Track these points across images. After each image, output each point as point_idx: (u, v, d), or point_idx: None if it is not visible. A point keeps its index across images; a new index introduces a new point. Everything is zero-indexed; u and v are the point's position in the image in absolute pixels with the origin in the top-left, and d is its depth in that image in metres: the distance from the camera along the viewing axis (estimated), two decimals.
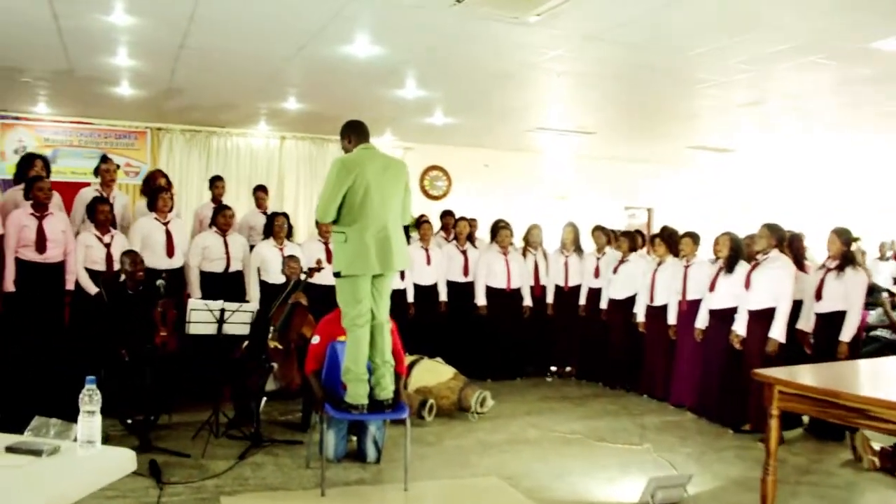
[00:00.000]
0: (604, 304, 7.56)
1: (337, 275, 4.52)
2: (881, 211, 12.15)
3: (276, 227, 6.77)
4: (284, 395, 5.84)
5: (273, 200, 9.35)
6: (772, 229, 5.82)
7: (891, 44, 6.26)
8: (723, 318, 6.15)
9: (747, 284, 5.81)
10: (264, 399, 5.74)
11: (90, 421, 2.41)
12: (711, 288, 6.23)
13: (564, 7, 5.11)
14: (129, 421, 5.61)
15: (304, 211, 10.93)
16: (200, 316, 5.28)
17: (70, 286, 6.03)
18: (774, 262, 5.76)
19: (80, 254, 6.06)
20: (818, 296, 5.76)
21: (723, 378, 6.15)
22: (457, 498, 4.66)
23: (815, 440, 5.86)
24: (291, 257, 6.26)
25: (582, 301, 7.82)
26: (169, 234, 6.45)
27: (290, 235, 7.09)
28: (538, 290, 7.91)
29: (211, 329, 5.36)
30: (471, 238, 8.08)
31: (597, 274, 7.67)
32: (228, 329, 5.41)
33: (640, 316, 7.15)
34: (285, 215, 6.98)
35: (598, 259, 7.74)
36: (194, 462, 4.97)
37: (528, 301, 7.84)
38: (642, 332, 7.15)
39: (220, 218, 6.68)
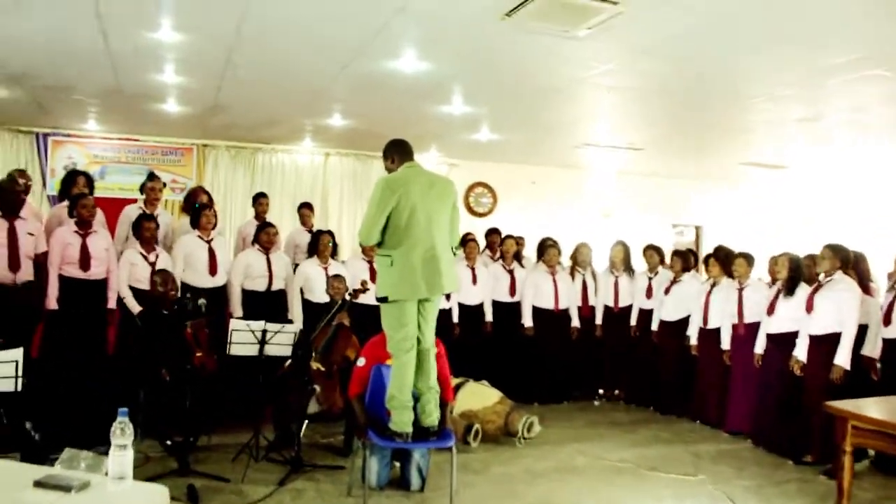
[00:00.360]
0: (655, 326, 7.30)
1: (382, 300, 4.38)
2: None
3: (321, 245, 6.67)
4: (326, 418, 5.70)
5: (317, 218, 9.30)
6: (835, 250, 5.54)
7: None
8: (782, 342, 5.87)
9: (809, 308, 5.53)
10: (306, 422, 5.63)
11: (122, 455, 2.30)
12: (770, 311, 5.96)
13: (615, 21, 4.96)
14: (169, 442, 5.53)
15: (347, 228, 10.88)
16: (242, 336, 5.20)
17: (112, 304, 6.01)
18: (838, 284, 5.48)
19: (125, 272, 6.04)
20: (887, 320, 5.46)
21: (781, 406, 5.86)
22: None
23: (882, 475, 5.53)
24: (336, 277, 6.15)
25: (633, 322, 7.57)
26: (212, 252, 6.40)
27: (334, 254, 6.99)
28: (586, 311, 7.68)
29: (252, 350, 5.28)
30: (518, 257, 7.90)
31: (649, 294, 7.42)
32: (270, 350, 5.32)
33: (693, 339, 6.88)
34: (330, 233, 6.89)
35: (651, 279, 7.49)
36: (234, 487, 4.86)
37: (575, 322, 7.62)
38: (695, 355, 6.88)
39: (263, 235, 6.61)
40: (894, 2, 4.60)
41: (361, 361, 4.87)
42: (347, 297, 5.97)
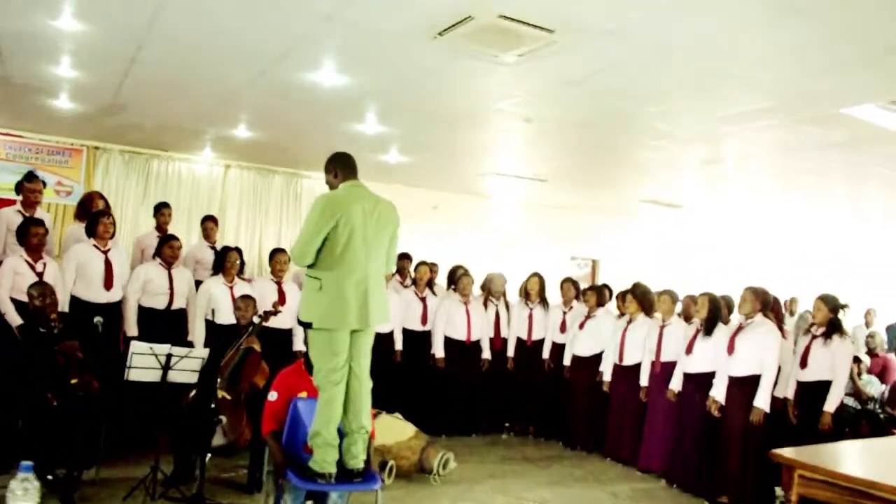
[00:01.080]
0: (567, 361, 7.21)
1: (307, 325, 4.03)
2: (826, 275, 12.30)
3: (228, 262, 6.18)
4: (230, 452, 5.22)
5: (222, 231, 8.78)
6: (756, 293, 5.62)
7: (861, 111, 6.28)
8: (700, 382, 5.89)
9: (730, 349, 5.57)
10: (209, 455, 5.15)
11: None
12: (688, 350, 5.97)
13: (546, 50, 4.84)
14: (50, 477, 4.91)
15: (246, 245, 10.29)
16: (143, 361, 4.67)
17: None
18: (760, 327, 5.54)
19: (6, 281, 5.36)
20: (803, 363, 5.55)
21: (698, 445, 5.86)
22: None
23: None
24: (245, 298, 5.69)
25: (545, 356, 7.45)
26: (108, 264, 5.81)
27: (241, 272, 6.52)
28: (498, 343, 7.51)
29: (154, 376, 4.76)
30: (430, 284, 7.63)
31: (563, 328, 7.33)
32: (174, 376, 4.81)
33: (607, 375, 6.83)
34: (238, 250, 6.40)
35: (566, 313, 7.40)
36: None
37: (486, 354, 7.43)
38: (607, 391, 6.83)
39: (167, 249, 6.08)
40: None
41: (273, 396, 4.45)
42: (256, 320, 5.54)
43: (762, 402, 5.39)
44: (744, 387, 5.50)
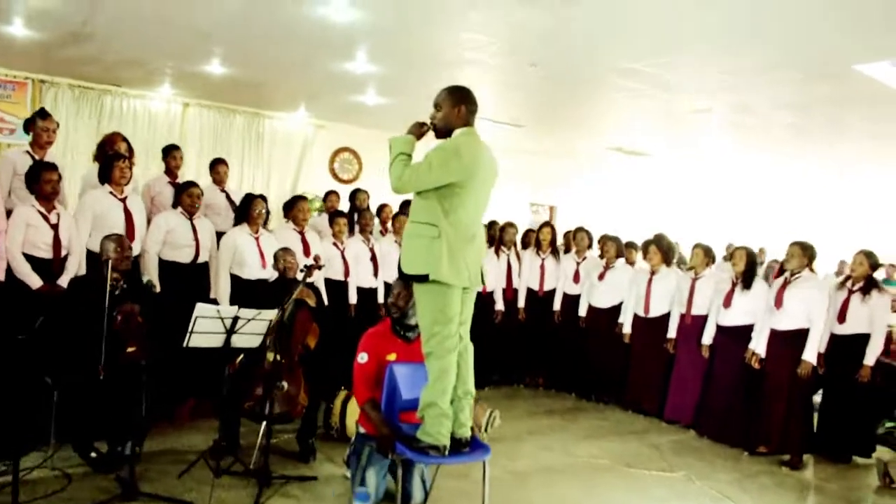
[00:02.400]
0: (582, 312, 7.14)
1: (420, 279, 3.70)
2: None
3: (254, 211, 5.66)
4: (285, 420, 4.85)
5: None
6: (804, 247, 5.66)
7: (872, 68, 6.41)
8: (736, 335, 5.94)
9: (778, 304, 5.61)
10: (263, 425, 4.79)
11: None
12: (727, 304, 5.99)
13: None
14: (93, 454, 4.44)
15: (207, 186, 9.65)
16: (207, 325, 4.21)
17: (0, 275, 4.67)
18: (807, 281, 5.61)
19: (18, 234, 4.70)
20: (841, 318, 5.67)
21: (733, 398, 5.94)
22: None
23: (827, 462, 5.77)
24: (287, 250, 5.25)
25: (556, 307, 7.35)
26: (128, 214, 5.20)
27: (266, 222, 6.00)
28: (510, 293, 7.34)
29: (216, 341, 4.31)
30: None
31: (576, 279, 7.23)
32: (238, 341, 4.38)
33: (627, 327, 6.81)
34: (263, 198, 5.85)
35: (579, 263, 7.29)
36: None
37: (500, 305, 7.26)
38: (627, 343, 6.82)
39: (186, 198, 5.50)
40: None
41: (364, 358, 4.15)
42: (299, 275, 5.12)
43: (811, 355, 5.48)
44: (790, 340, 5.57)
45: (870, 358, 5.53)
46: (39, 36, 6.86)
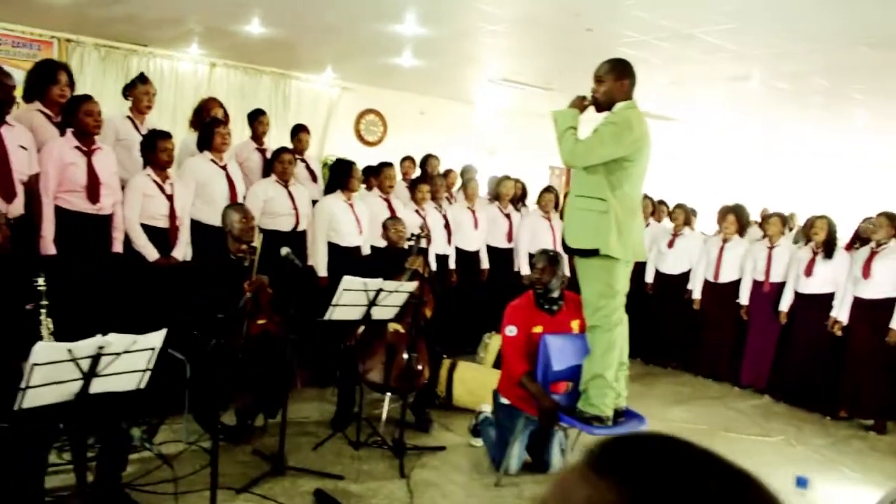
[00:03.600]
0: (650, 278, 7.20)
1: (589, 253, 3.70)
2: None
3: (353, 178, 5.53)
4: (407, 392, 4.80)
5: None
6: (891, 218, 5.76)
7: None
8: (817, 302, 6.06)
9: (866, 273, 5.73)
10: (388, 396, 4.78)
11: None
12: (808, 272, 6.10)
13: None
14: (220, 426, 4.36)
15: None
16: (351, 297, 4.14)
17: (119, 247, 4.51)
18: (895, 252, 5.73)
19: (137, 204, 4.54)
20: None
21: (813, 364, 6.08)
22: None
23: None
24: (397, 219, 5.17)
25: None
26: (231, 181, 5.06)
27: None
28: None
29: (358, 313, 4.25)
30: (516, 201, 7.30)
31: None
32: (377, 313, 4.32)
33: (697, 293, 6.90)
34: (355, 164, 5.73)
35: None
36: (360, 487, 3.93)
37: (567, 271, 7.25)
38: (697, 309, 6.92)
39: (278, 165, 5.34)
40: None
41: (513, 330, 4.14)
42: (410, 244, 5.06)
43: None
44: (877, 309, 5.70)
45: None
46: None
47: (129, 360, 2.81)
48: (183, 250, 4.81)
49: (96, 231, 4.35)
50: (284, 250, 4.17)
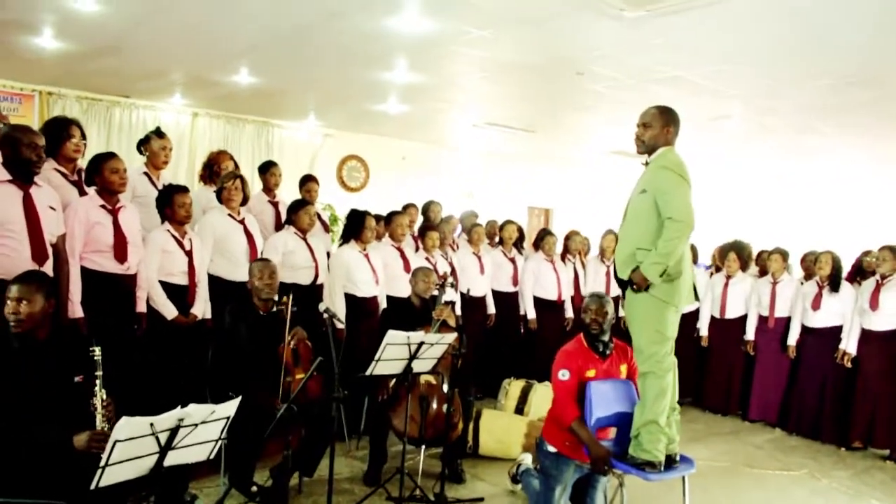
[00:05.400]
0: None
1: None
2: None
3: (367, 228, 5.48)
4: (439, 444, 4.71)
5: (182, 182, 7.79)
6: (894, 251, 5.91)
7: None
8: (825, 336, 6.18)
9: (874, 305, 5.85)
10: (423, 449, 4.69)
11: None
12: (815, 306, 6.20)
13: None
14: (254, 488, 4.22)
15: None
16: (394, 352, 4.07)
17: (142, 307, 4.37)
18: None
19: (155, 261, 4.42)
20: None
21: (824, 395, 6.17)
22: None
23: None
24: (426, 270, 5.09)
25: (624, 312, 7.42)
26: (249, 235, 4.96)
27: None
28: (578, 300, 7.36)
29: (398, 367, 4.18)
30: (518, 244, 7.30)
31: None
32: (418, 366, 4.25)
33: (704, 330, 6.97)
34: (371, 214, 5.67)
35: None
36: None
37: (570, 313, 7.26)
38: (704, 346, 6.98)
39: (304, 216, 5.28)
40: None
41: (566, 375, 4.08)
42: (436, 292, 5.01)
43: None
44: (886, 340, 5.83)
45: None
46: (68, 47, 6.46)
47: (204, 430, 2.70)
48: (202, 307, 4.70)
49: (123, 291, 4.21)
50: (323, 306, 4.09)
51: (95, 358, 3.03)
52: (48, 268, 3.75)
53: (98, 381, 3.02)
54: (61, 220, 3.92)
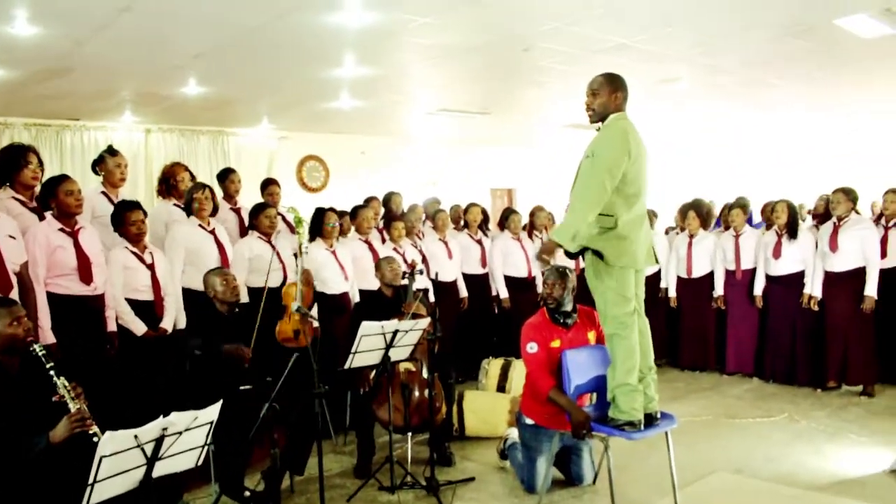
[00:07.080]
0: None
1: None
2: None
3: (328, 225, 5.51)
4: (423, 430, 4.77)
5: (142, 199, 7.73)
6: (847, 192, 6.06)
7: (851, 21, 6.85)
8: (788, 283, 6.32)
9: (833, 247, 6.00)
10: (409, 436, 4.74)
11: None
12: (776, 255, 6.35)
13: None
14: (247, 493, 4.24)
15: None
16: (370, 343, 4.11)
17: (113, 326, 4.36)
18: (858, 223, 6.02)
19: (118, 279, 4.41)
20: (883, 253, 6.07)
21: (795, 340, 6.33)
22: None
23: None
24: (390, 259, 5.14)
25: None
26: (220, 245, 4.97)
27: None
28: None
29: (375, 357, 4.22)
30: (483, 226, 7.35)
31: None
32: (395, 354, 4.30)
33: (672, 290, 7.10)
34: (334, 210, 5.70)
35: None
36: None
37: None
38: (673, 306, 7.11)
39: (264, 220, 5.29)
40: None
41: (534, 348, 4.17)
42: (405, 281, 5.05)
43: (872, 290, 5.90)
44: (848, 280, 5.99)
45: None
46: (8, 74, 6.39)
47: (189, 437, 2.72)
48: (172, 320, 4.69)
49: (92, 312, 4.20)
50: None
51: (39, 354, 3.00)
52: (13, 297, 3.73)
53: (52, 373, 2.99)
54: (22, 248, 3.89)
